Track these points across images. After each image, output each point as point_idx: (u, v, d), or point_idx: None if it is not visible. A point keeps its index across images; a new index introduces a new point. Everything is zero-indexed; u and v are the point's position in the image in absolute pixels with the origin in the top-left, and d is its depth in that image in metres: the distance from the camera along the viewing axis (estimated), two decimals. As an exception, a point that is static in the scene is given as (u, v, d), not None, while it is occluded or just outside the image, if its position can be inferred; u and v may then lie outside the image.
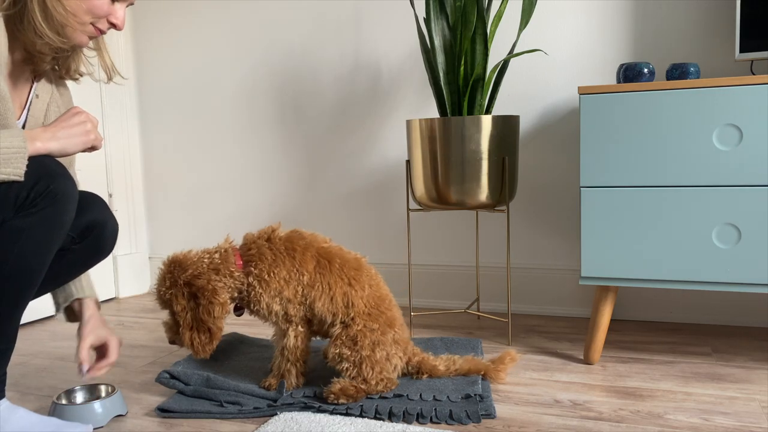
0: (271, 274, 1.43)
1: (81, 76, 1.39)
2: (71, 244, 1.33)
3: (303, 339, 1.48)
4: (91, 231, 1.36)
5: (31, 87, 1.33)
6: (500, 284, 2.23)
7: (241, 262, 1.46)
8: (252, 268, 1.44)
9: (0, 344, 1.22)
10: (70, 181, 1.20)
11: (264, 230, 1.51)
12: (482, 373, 1.53)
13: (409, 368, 1.54)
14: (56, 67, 1.35)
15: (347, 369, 1.42)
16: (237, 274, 1.44)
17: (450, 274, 2.32)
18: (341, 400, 1.39)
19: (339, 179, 2.44)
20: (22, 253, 1.16)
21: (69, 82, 1.43)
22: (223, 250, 1.46)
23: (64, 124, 1.22)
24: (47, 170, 1.16)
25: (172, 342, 1.46)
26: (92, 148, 1.26)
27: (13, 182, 1.12)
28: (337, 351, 1.43)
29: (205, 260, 1.43)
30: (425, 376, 1.54)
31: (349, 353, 1.42)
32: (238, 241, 1.54)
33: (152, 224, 2.78)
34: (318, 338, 1.56)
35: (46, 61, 1.28)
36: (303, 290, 1.44)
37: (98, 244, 1.39)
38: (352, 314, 1.44)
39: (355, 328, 1.43)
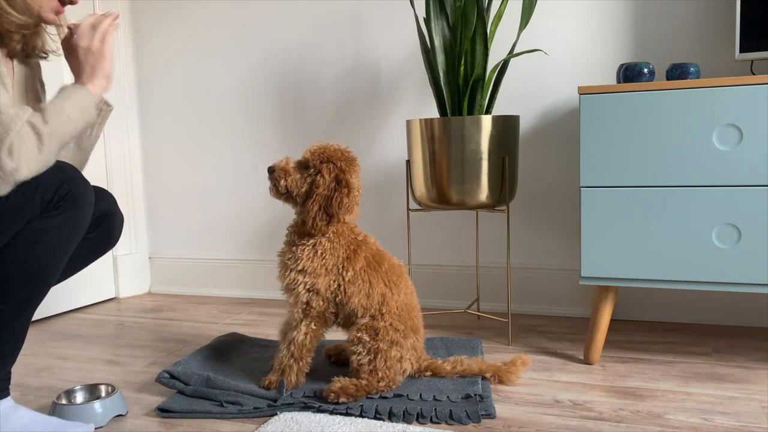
0: (323, 254, 1.47)
1: (47, 54, 1.39)
2: (86, 233, 1.37)
3: (312, 338, 1.49)
4: (103, 220, 1.41)
5: (12, 66, 1.34)
6: (500, 284, 2.23)
7: (343, 223, 1.51)
8: (327, 234, 1.48)
9: (8, 343, 1.23)
10: (88, 186, 1.25)
11: (357, 229, 1.56)
12: (491, 374, 1.53)
13: (416, 373, 1.56)
14: (23, 47, 1.34)
15: (360, 353, 1.44)
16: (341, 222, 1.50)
17: (450, 274, 2.32)
18: (341, 399, 1.39)
19: (339, 179, 2.43)
20: (42, 253, 1.20)
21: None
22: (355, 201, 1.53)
23: (91, 59, 1.28)
24: (67, 175, 1.22)
25: (277, 181, 1.51)
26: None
27: (39, 185, 1.17)
28: (359, 335, 1.45)
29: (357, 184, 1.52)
30: (429, 373, 1.55)
31: (368, 340, 1.44)
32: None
33: (152, 224, 2.78)
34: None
35: (15, 40, 1.28)
36: (339, 286, 1.47)
37: (109, 233, 1.43)
38: (383, 311, 1.47)
39: (381, 323, 1.46)
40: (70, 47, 1.32)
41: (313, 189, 1.48)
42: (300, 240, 1.50)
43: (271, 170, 1.53)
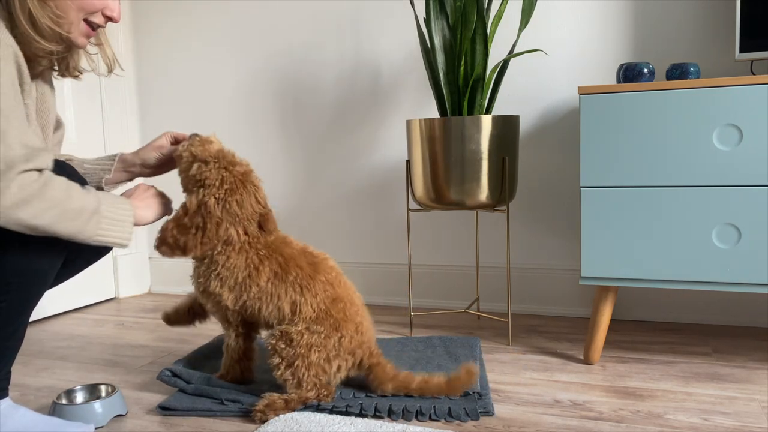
0: (219, 275, 1.42)
1: (81, 73, 1.38)
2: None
3: (243, 340, 1.49)
4: None
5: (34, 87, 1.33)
6: (500, 284, 2.23)
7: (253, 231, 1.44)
8: (222, 254, 1.41)
9: (7, 341, 1.23)
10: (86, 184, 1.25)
11: (276, 233, 1.47)
12: (436, 393, 1.42)
13: (363, 371, 1.45)
14: (55, 66, 1.34)
15: (279, 367, 1.38)
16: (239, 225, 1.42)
17: (450, 274, 2.32)
18: (270, 416, 1.34)
19: (339, 179, 2.44)
20: (40, 252, 1.19)
21: (69, 80, 1.42)
22: (260, 196, 1.45)
23: (146, 196, 1.36)
24: (66, 175, 1.19)
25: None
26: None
27: None
28: (274, 342, 1.39)
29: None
30: (375, 383, 1.44)
31: (284, 347, 1.37)
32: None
33: (152, 224, 2.77)
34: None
35: (42, 64, 1.28)
36: (246, 302, 1.42)
37: None
38: (297, 320, 1.40)
39: (294, 328, 1.38)
40: (166, 156, 1.43)
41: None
42: (199, 267, 1.45)
43: None
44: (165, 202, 1.41)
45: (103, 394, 1.45)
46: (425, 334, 1.97)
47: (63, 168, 1.23)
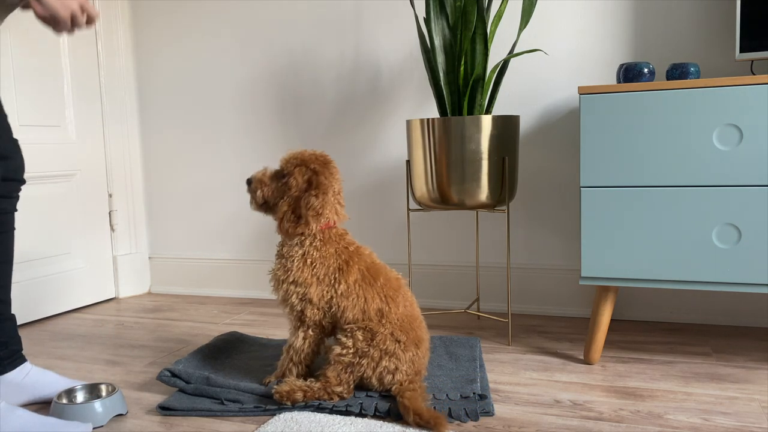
0: (313, 263, 1.45)
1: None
2: None
3: (311, 343, 1.48)
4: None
5: None
6: (500, 284, 2.23)
7: (325, 227, 1.49)
8: (314, 242, 1.46)
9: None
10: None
11: (350, 238, 1.53)
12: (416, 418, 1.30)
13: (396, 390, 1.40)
14: None
15: (347, 348, 1.40)
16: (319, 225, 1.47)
17: (450, 274, 2.32)
18: (286, 402, 1.38)
19: (339, 179, 2.44)
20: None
21: (69, 81, 1.43)
22: (337, 203, 1.52)
23: None
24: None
25: (254, 193, 1.51)
26: (74, 22, 1.18)
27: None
28: (355, 329, 1.41)
29: (335, 186, 1.51)
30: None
31: (362, 339, 1.40)
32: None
33: (152, 224, 2.78)
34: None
35: None
36: (332, 298, 1.44)
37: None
38: (384, 321, 1.42)
39: (381, 329, 1.41)
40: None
41: (286, 193, 1.48)
42: (289, 252, 1.48)
43: (249, 182, 1.52)
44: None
45: (103, 393, 1.45)
46: (425, 334, 1.96)
47: None
